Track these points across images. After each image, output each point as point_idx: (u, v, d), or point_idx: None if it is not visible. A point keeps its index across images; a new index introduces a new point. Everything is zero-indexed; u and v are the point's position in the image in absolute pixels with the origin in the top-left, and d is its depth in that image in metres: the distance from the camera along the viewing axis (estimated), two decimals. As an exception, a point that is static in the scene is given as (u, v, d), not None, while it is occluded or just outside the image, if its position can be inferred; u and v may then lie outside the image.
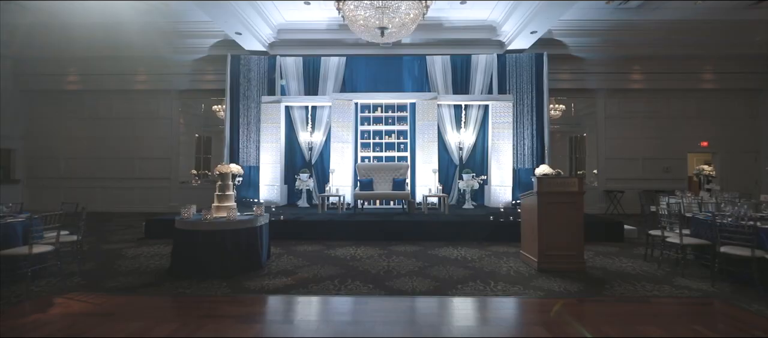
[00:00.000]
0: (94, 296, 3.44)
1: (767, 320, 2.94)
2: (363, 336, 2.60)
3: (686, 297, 3.49)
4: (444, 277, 4.03)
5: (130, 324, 2.80)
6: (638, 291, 3.64)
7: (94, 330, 2.70)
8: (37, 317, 2.98)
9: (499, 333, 2.70)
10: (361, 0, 5.08)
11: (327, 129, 8.56)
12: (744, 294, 3.50)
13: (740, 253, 3.53)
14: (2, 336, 2.61)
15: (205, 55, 9.23)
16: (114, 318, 2.94)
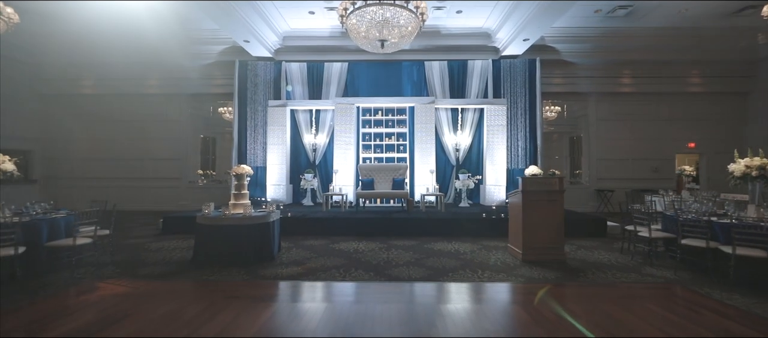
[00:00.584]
0: (131, 281, 3.96)
1: (715, 301, 3.44)
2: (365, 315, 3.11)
3: (649, 282, 4.00)
4: (437, 267, 4.54)
5: (167, 303, 3.32)
6: (608, 277, 4.14)
7: (137, 308, 3.22)
8: (85, 298, 3.51)
9: (482, 312, 3.21)
10: (363, 16, 5.57)
11: (330, 131, 9.07)
12: (700, 280, 4.00)
13: (698, 244, 4.03)
14: (58, 313, 3.13)
15: (213, 60, 9.73)
16: (153, 298, 3.46)
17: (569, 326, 2.85)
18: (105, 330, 2.78)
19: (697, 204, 4.78)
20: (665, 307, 3.31)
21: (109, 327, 2.82)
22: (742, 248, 3.64)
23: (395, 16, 5.62)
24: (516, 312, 3.20)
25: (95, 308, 3.20)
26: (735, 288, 3.68)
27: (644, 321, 2.97)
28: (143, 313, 3.11)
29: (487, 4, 7.88)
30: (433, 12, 8.08)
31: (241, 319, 2.95)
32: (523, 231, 4.74)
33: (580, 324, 2.84)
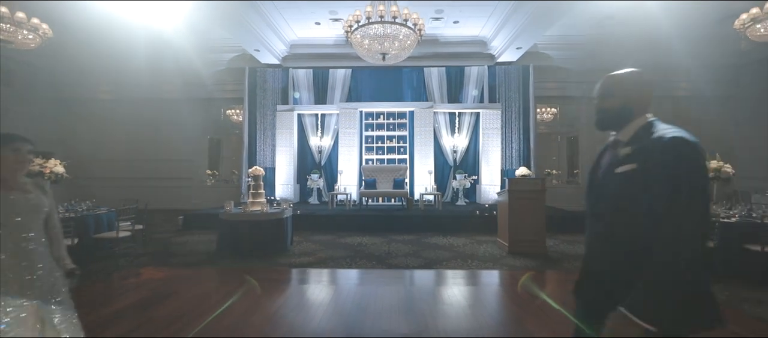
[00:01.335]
0: (167, 268, 4.64)
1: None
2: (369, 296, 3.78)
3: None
4: (433, 257, 5.19)
5: (201, 285, 4.00)
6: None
7: (177, 289, 3.89)
8: (134, 281, 4.19)
9: (469, 293, 3.87)
10: (366, 32, 6.22)
11: (335, 134, 9.74)
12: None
13: (659, 237, 4.66)
14: (116, 292, 3.81)
15: (225, 67, 10.41)
16: (188, 282, 4.14)
17: (542, 303, 3.50)
18: (156, 305, 3.45)
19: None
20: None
21: (159, 303, 3.49)
22: (693, 240, 4.26)
23: (395, 31, 6.27)
24: (497, 292, 3.85)
25: (145, 288, 3.88)
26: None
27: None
28: (183, 293, 3.78)
29: (482, 15, 8.51)
30: (431, 22, 8.72)
31: (264, 298, 3.62)
32: (509, 226, 5.39)
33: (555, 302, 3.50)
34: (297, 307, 3.45)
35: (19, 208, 1.61)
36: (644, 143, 1.14)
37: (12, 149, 1.61)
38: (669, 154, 1.08)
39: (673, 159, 1.07)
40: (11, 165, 1.62)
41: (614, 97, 1.27)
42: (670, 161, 1.07)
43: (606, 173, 1.23)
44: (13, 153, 1.62)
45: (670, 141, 1.09)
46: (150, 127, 11.05)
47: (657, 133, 1.14)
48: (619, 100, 1.26)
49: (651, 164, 1.09)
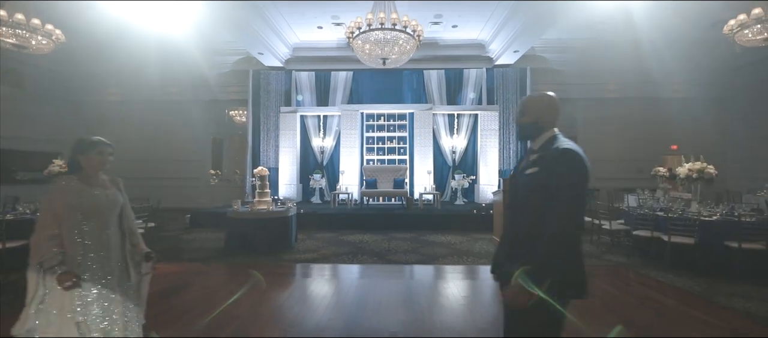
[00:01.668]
0: (179, 264, 4.93)
1: (647, 278, 4.34)
2: (369, 288, 4.05)
3: (603, 265, 4.90)
4: (430, 254, 5.47)
5: (213, 279, 4.28)
6: (572, 262, 5.05)
7: (191, 282, 4.18)
8: (148, 274, 4.46)
9: (465, 286, 4.14)
10: (367, 38, 6.48)
11: (336, 135, 10.02)
12: (647, 264, 4.90)
13: (645, 234, 4.93)
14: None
15: (229, 70, 10.69)
16: (201, 275, 4.42)
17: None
18: (174, 296, 3.73)
19: (651, 201, 5.67)
20: (609, 283, 4.22)
21: (176, 295, 3.77)
22: (675, 237, 4.53)
23: (395, 37, 6.54)
24: (491, 286, 4.12)
25: (161, 281, 4.15)
26: (669, 269, 4.58)
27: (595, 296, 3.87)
28: (197, 285, 4.07)
29: (480, 19, 8.78)
30: (430, 26, 8.99)
31: (271, 292, 3.89)
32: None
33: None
34: (302, 300, 3.72)
35: (102, 203, 1.86)
36: (546, 152, 1.45)
37: (97, 152, 1.87)
38: (559, 162, 1.39)
39: (561, 166, 1.38)
40: (95, 165, 1.87)
41: (528, 115, 1.58)
42: (559, 167, 1.38)
43: (520, 174, 1.55)
44: (97, 156, 1.87)
45: (562, 152, 1.40)
46: (155, 128, 11.34)
47: (556, 145, 1.44)
48: (531, 117, 1.57)
49: (547, 169, 1.40)
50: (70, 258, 1.74)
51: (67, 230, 1.75)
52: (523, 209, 1.49)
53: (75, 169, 1.88)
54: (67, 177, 1.84)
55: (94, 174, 1.89)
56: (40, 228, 1.74)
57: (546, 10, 7.34)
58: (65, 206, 1.75)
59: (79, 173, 1.87)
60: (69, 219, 1.75)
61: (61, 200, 1.75)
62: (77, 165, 1.88)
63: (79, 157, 1.86)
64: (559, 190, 1.35)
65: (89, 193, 1.83)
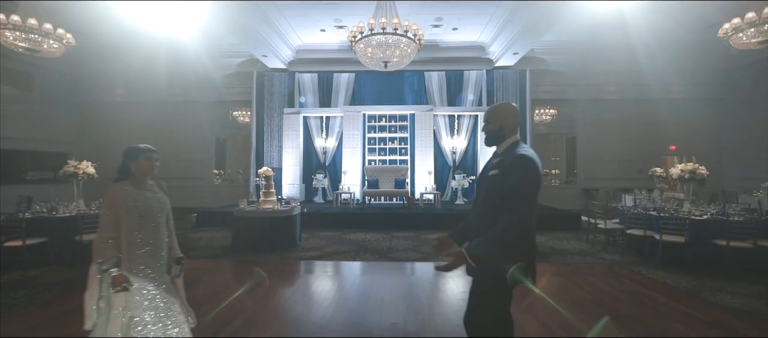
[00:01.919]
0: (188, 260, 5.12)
1: (639, 275, 4.52)
2: (372, 284, 4.25)
3: (598, 263, 5.09)
4: (430, 252, 5.66)
5: (222, 275, 4.49)
6: (567, 260, 5.24)
7: (202, 278, 4.38)
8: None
9: (464, 282, 4.33)
10: (369, 42, 6.67)
11: (339, 136, 10.22)
12: (640, 262, 5.08)
13: (638, 233, 5.10)
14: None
15: (233, 71, 10.90)
16: (210, 272, 4.63)
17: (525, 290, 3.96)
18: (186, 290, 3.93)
19: (646, 201, 5.84)
20: (602, 280, 4.41)
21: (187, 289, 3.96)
22: (667, 235, 4.71)
23: (397, 41, 6.72)
24: (486, 282, 4.32)
25: (172, 277, 4.37)
26: (661, 267, 4.76)
27: (583, 289, 4.08)
28: (207, 281, 4.27)
29: (480, 22, 8.95)
30: (431, 29, 9.17)
31: (278, 287, 4.10)
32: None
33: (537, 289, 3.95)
34: (307, 295, 3.93)
35: (153, 205, 2.01)
36: (506, 157, 1.68)
37: (145, 158, 2.00)
38: (515, 166, 1.61)
39: (516, 170, 1.62)
40: (145, 170, 2.01)
41: (493, 123, 1.79)
42: (514, 171, 1.61)
43: (485, 175, 1.77)
44: (146, 161, 2.00)
45: (518, 158, 1.62)
46: (161, 128, 11.56)
47: (515, 150, 1.67)
48: (495, 125, 1.79)
49: (505, 171, 1.62)
50: (130, 258, 1.89)
51: (126, 233, 1.88)
52: (484, 205, 1.73)
53: (126, 174, 2.00)
54: (121, 182, 1.97)
55: (143, 179, 2.02)
56: (100, 231, 1.89)
57: (544, 14, 7.51)
58: (123, 210, 1.90)
59: (130, 179, 2.00)
60: (127, 222, 1.90)
61: (119, 205, 1.90)
62: (128, 171, 2.00)
63: (130, 163, 1.99)
64: (512, 190, 1.59)
65: (142, 196, 1.98)
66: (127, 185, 1.97)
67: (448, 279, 4.46)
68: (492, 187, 1.68)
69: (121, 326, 1.81)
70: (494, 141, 1.81)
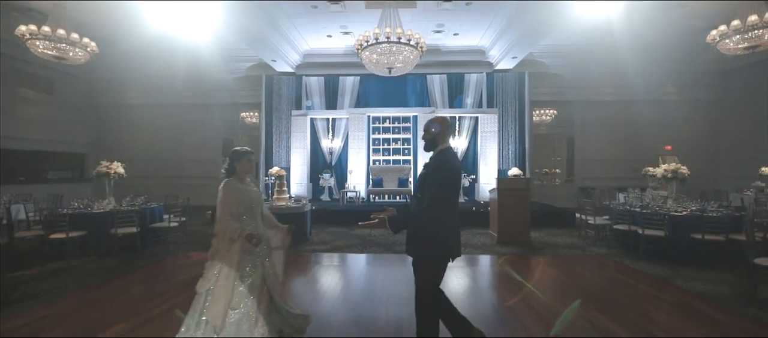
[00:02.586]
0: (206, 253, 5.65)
1: (621, 265, 4.98)
2: (377, 274, 4.75)
3: (586, 256, 5.55)
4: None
5: (243, 265, 5.00)
6: (559, 253, 5.71)
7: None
8: (189, 260, 5.21)
9: (464, 273, 4.82)
10: (374, 49, 7.16)
11: (345, 137, 10.72)
12: (625, 254, 5.54)
13: (623, 228, 5.56)
14: (178, 269, 4.82)
15: (242, 75, 11.43)
16: (232, 262, 5.14)
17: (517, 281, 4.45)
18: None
19: (633, 198, 6.29)
20: (588, 270, 4.88)
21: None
22: (648, 230, 5.17)
23: (400, 49, 7.21)
24: (482, 272, 4.81)
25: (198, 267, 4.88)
26: (643, 258, 5.22)
27: (569, 277, 4.56)
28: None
29: (479, 28, 9.41)
30: (433, 34, 9.64)
31: (293, 276, 4.60)
32: (498, 219, 6.32)
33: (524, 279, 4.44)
34: (319, 284, 4.43)
35: (254, 197, 2.43)
36: (432, 160, 2.23)
37: (247, 160, 2.43)
38: (436, 169, 2.17)
39: (436, 172, 2.19)
40: (247, 169, 2.44)
41: (428, 133, 2.36)
42: (434, 172, 2.19)
43: (420, 175, 2.32)
44: (247, 162, 2.44)
45: (439, 163, 2.18)
46: (173, 129, 12.13)
47: (439, 156, 2.22)
48: (431, 135, 2.35)
49: (429, 172, 2.18)
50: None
51: (235, 220, 2.32)
52: (415, 196, 2.32)
53: (232, 172, 2.43)
54: (231, 179, 2.39)
55: (244, 176, 2.45)
56: (221, 217, 2.32)
57: (541, 21, 7.96)
58: (234, 202, 2.32)
59: (234, 176, 2.42)
60: (236, 212, 2.33)
61: (232, 197, 2.32)
62: (234, 169, 2.42)
63: (236, 163, 2.41)
64: (431, 186, 2.13)
65: (246, 190, 2.42)
66: (235, 181, 2.40)
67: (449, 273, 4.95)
68: (421, 182, 2.25)
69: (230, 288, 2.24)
70: (430, 147, 2.36)
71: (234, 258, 2.30)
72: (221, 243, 2.33)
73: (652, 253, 5.27)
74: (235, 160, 2.42)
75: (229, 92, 11.76)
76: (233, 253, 2.30)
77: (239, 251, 2.31)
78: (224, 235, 2.30)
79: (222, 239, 2.32)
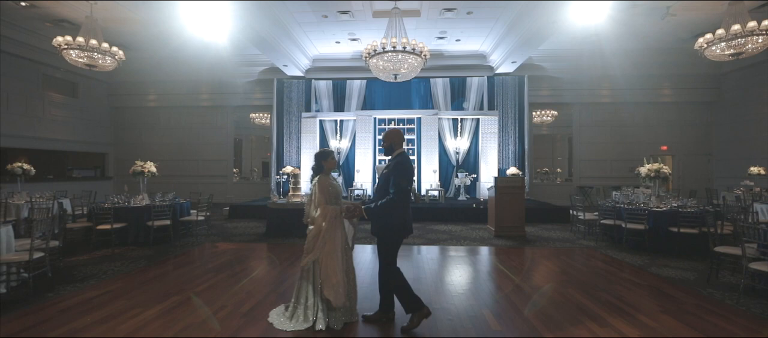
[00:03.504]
0: (233, 243, 6.32)
1: (604, 255, 5.56)
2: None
3: (576, 247, 6.13)
4: (434, 239, 6.76)
5: (261, 255, 5.65)
6: (550, 245, 6.29)
7: (246, 256, 5.55)
8: (217, 250, 5.87)
9: (462, 266, 5.43)
10: (381, 57, 7.77)
11: (352, 138, 11.36)
12: (608, 246, 6.11)
13: (609, 222, 6.14)
14: (209, 256, 5.48)
15: (254, 79, 12.11)
16: (252, 252, 5.80)
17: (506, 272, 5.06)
18: (240, 264, 5.11)
19: (621, 196, 6.85)
20: (574, 259, 5.47)
21: (238, 264, 5.14)
22: (631, 224, 5.74)
23: (405, 57, 7.81)
24: (478, 260, 5.41)
25: (226, 255, 5.55)
26: (625, 249, 5.79)
27: (556, 264, 5.15)
28: (251, 259, 5.44)
29: (480, 35, 9.99)
30: (436, 40, 10.23)
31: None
32: (495, 215, 6.91)
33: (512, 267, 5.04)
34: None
35: (338, 190, 3.06)
36: (391, 162, 2.89)
37: (332, 158, 3.08)
38: (395, 168, 2.82)
39: (395, 170, 2.86)
40: (332, 166, 3.08)
41: (386, 142, 3.04)
42: (394, 171, 2.85)
43: (381, 173, 2.95)
44: (333, 160, 3.08)
45: (397, 163, 2.84)
46: (190, 130, 12.85)
47: (397, 158, 2.88)
48: (388, 143, 3.03)
49: (390, 171, 2.82)
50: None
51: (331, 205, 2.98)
52: (379, 190, 2.94)
53: (320, 170, 3.03)
54: (322, 175, 3.01)
55: (329, 172, 3.06)
56: (322, 205, 2.93)
57: (538, 29, 8.51)
58: (326, 193, 2.94)
59: (323, 172, 3.03)
60: (328, 199, 2.95)
61: (326, 188, 2.95)
62: (321, 167, 3.02)
63: (323, 162, 3.03)
64: (392, 183, 2.80)
65: (333, 183, 3.05)
66: (324, 176, 3.02)
67: (449, 257, 5.57)
68: (383, 179, 2.91)
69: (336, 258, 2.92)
70: (389, 152, 3.03)
71: (336, 233, 2.95)
72: (328, 224, 2.92)
73: (634, 245, 5.84)
74: (322, 159, 3.04)
75: (242, 95, 12.45)
76: (336, 230, 2.95)
77: (340, 227, 2.98)
78: (325, 218, 2.91)
79: (324, 221, 2.91)
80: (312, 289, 2.98)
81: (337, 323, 2.97)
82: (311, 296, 2.98)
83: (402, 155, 2.95)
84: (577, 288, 4.09)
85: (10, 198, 6.29)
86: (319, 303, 2.95)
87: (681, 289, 4.09)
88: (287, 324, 2.99)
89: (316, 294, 2.95)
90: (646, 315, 3.35)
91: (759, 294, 3.86)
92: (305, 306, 2.99)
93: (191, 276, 4.52)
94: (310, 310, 2.96)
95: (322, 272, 2.91)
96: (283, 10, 8.50)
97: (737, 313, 3.42)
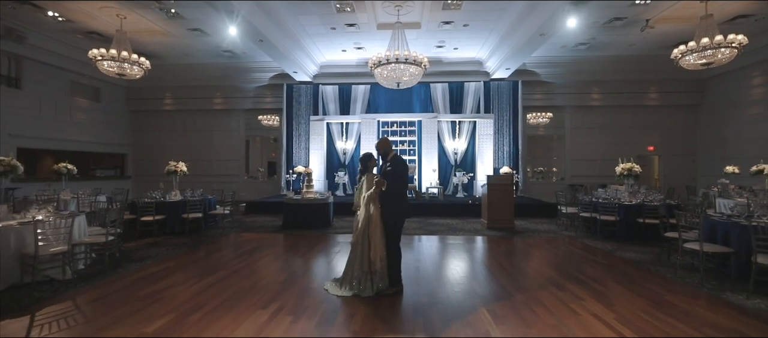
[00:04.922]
0: (255, 233, 7.27)
1: (582, 243, 6.49)
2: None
3: (558, 237, 7.06)
4: (433, 230, 7.70)
5: (280, 244, 6.60)
6: (536, 235, 7.23)
7: (267, 244, 6.49)
8: (243, 239, 6.81)
9: (456, 251, 6.37)
10: (385, 67, 8.70)
11: (357, 139, 12.30)
12: (585, 236, 7.04)
13: (587, 215, 7.07)
14: (237, 244, 6.43)
15: (265, 84, 13.05)
16: (272, 241, 6.74)
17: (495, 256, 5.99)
18: (264, 249, 6.05)
19: (602, 192, 7.78)
20: (555, 246, 6.40)
21: (261, 250, 6.09)
22: (604, 216, 6.67)
23: (407, 67, 8.75)
24: (473, 248, 6.35)
25: (251, 243, 6.50)
26: (600, 238, 6.73)
27: (539, 251, 6.09)
28: (271, 246, 6.37)
29: (476, 44, 10.92)
30: (435, 48, 11.16)
31: (320, 253, 6.17)
32: (488, 209, 7.85)
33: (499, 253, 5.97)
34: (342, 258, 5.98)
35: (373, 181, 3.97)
36: (389, 162, 3.89)
37: (372, 160, 4.02)
38: (394, 167, 3.87)
39: (394, 168, 3.87)
40: (373, 165, 4.03)
41: (380, 149, 4.13)
42: (394, 168, 3.90)
43: (384, 171, 3.91)
44: (373, 162, 4.03)
45: (394, 163, 3.89)
46: (204, 132, 13.80)
47: (394, 158, 3.92)
48: (382, 149, 4.11)
49: (389, 170, 3.84)
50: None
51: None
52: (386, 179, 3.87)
53: (365, 169, 4.00)
54: (368, 173, 3.94)
55: (372, 169, 4.01)
56: (372, 192, 3.82)
57: (527, 42, 9.42)
58: (371, 185, 3.87)
59: (367, 171, 3.97)
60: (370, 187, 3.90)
61: (371, 182, 3.87)
62: (367, 167, 4.00)
63: (368, 163, 4.00)
64: (395, 176, 3.77)
65: (375, 180, 3.95)
66: (370, 173, 3.96)
67: (444, 245, 6.51)
68: (388, 175, 3.83)
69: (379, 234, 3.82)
70: (384, 157, 4.00)
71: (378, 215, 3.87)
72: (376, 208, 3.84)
73: (607, 234, 6.77)
74: (367, 161, 4.03)
75: (253, 98, 13.39)
76: (376, 212, 3.87)
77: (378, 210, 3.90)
78: (375, 203, 3.85)
79: (373, 205, 3.83)
80: (358, 263, 3.86)
81: (375, 287, 3.83)
82: (358, 269, 3.87)
83: (396, 156, 3.93)
84: (551, 267, 5.03)
85: (61, 194, 7.23)
86: (362, 276, 3.84)
87: (635, 267, 5.03)
88: (338, 290, 3.90)
89: (362, 268, 3.85)
90: (600, 284, 4.29)
91: (696, 270, 4.79)
92: (351, 277, 3.90)
93: (229, 258, 5.47)
94: (355, 280, 3.86)
95: (372, 241, 3.82)
96: (295, 23, 9.44)
97: (674, 282, 4.36)
